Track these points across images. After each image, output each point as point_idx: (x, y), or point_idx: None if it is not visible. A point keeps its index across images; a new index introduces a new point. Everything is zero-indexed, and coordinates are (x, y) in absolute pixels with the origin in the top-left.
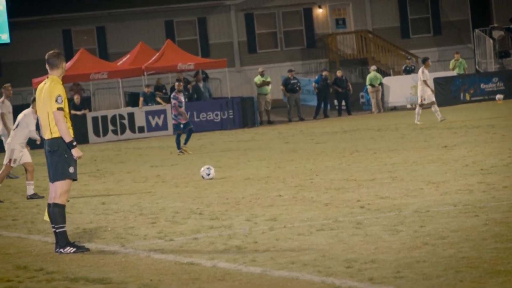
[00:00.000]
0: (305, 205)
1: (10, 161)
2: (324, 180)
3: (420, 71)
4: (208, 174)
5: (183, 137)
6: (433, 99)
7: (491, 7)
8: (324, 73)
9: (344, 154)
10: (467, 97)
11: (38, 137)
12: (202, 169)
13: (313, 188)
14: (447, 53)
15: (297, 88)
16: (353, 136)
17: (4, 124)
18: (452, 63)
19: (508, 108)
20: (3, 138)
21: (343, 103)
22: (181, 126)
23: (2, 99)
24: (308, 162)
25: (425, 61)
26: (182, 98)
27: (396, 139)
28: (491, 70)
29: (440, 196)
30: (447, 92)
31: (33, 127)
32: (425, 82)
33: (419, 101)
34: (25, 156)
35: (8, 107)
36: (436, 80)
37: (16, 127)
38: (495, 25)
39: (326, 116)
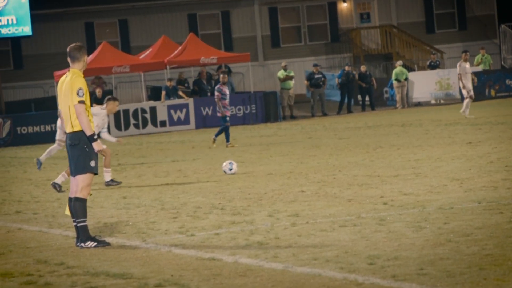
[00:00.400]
0: (328, 201)
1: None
2: (347, 176)
3: (458, 64)
4: (230, 169)
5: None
6: (471, 93)
7: None
8: (346, 68)
9: (367, 150)
10: (492, 93)
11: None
12: (224, 164)
13: (336, 184)
14: (472, 49)
15: (321, 83)
16: (376, 132)
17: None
18: (477, 58)
19: None
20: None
21: (367, 98)
22: (227, 118)
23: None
24: (331, 157)
25: (463, 53)
26: (226, 90)
27: (420, 135)
28: None
29: (464, 193)
30: (473, 88)
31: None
32: (459, 75)
33: (466, 94)
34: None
35: None
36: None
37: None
38: None
39: (349, 111)
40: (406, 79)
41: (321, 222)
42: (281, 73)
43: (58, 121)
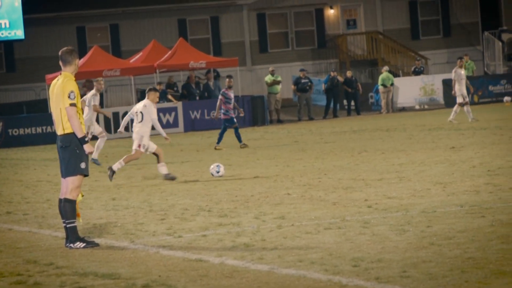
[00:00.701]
0: (313, 204)
1: (139, 146)
2: (332, 180)
3: (453, 70)
4: (218, 172)
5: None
6: (467, 99)
7: (500, 10)
8: (332, 74)
9: (352, 154)
10: (475, 98)
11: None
12: (212, 166)
13: (321, 187)
14: (456, 55)
15: (308, 88)
16: (361, 136)
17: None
18: None
19: None
20: (92, 129)
21: (353, 103)
22: (235, 120)
23: (93, 92)
24: (317, 161)
25: (458, 60)
26: (231, 94)
27: (404, 140)
28: (500, 73)
29: (447, 197)
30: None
31: (155, 115)
32: (454, 81)
33: (460, 100)
34: (151, 144)
35: (96, 100)
36: (445, 82)
37: (142, 119)
38: (504, 28)
39: (335, 116)
40: (392, 84)
41: (307, 224)
42: (268, 78)
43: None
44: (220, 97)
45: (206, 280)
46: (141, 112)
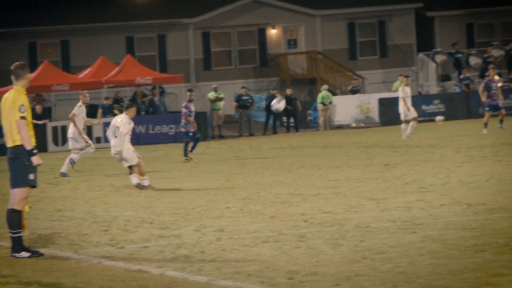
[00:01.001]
0: (252, 217)
1: (138, 157)
2: (271, 194)
3: (400, 88)
4: (279, 102)
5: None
6: (415, 115)
7: (434, 32)
8: (272, 92)
9: (290, 169)
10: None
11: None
12: (274, 100)
13: (260, 201)
14: (392, 75)
15: (249, 104)
16: (300, 152)
17: (75, 125)
18: (395, 85)
19: (448, 130)
20: (73, 140)
21: (292, 120)
22: (190, 134)
23: (79, 103)
24: (256, 176)
25: (404, 77)
26: (192, 107)
27: (340, 156)
28: (433, 93)
29: (380, 212)
30: (391, 113)
31: (126, 130)
32: (403, 99)
33: (402, 117)
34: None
35: (83, 112)
36: (380, 101)
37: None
38: (438, 49)
39: (275, 132)
40: (330, 102)
41: (245, 237)
42: (211, 95)
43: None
44: (184, 110)
45: None
46: (117, 127)
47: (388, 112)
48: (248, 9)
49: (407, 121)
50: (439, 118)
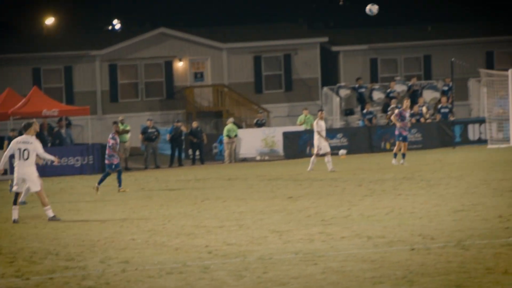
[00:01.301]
0: (157, 249)
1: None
2: (176, 226)
3: (314, 122)
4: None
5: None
6: (328, 149)
7: (339, 67)
8: (176, 124)
9: (195, 202)
10: (313, 151)
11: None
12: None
13: (165, 233)
14: (297, 109)
15: (154, 137)
16: (205, 185)
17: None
18: (300, 119)
19: (350, 163)
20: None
21: (197, 152)
22: (113, 166)
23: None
24: (162, 208)
25: (318, 112)
26: (118, 139)
27: (245, 189)
28: (337, 127)
29: (283, 244)
30: (295, 146)
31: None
32: (318, 133)
33: (315, 150)
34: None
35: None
36: (285, 134)
37: (28, 156)
38: (342, 83)
39: (180, 164)
40: (236, 135)
41: (150, 269)
42: None
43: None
44: (111, 141)
45: None
46: (26, 149)
47: (293, 146)
48: (155, 42)
49: (319, 155)
50: (342, 152)
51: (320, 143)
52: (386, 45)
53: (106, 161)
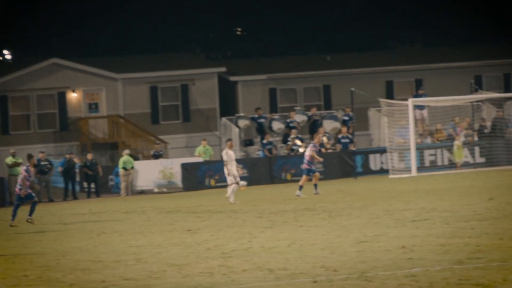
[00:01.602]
0: (51, 285)
1: None
2: (71, 261)
3: (223, 152)
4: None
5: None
6: (238, 179)
7: (238, 97)
8: (68, 156)
9: (91, 236)
10: (212, 183)
11: None
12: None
13: (59, 268)
14: (195, 140)
15: (47, 170)
16: (101, 218)
17: None
18: (198, 150)
19: (250, 194)
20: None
21: (93, 185)
22: (22, 197)
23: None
24: (56, 243)
25: (227, 142)
26: (32, 172)
27: (142, 222)
28: (236, 158)
29: (182, 279)
30: (194, 178)
31: None
32: (225, 162)
33: (231, 180)
34: None
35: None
36: (184, 166)
37: None
38: (241, 114)
39: (75, 197)
40: (132, 167)
41: None
42: (9, 160)
43: None
44: (24, 173)
45: None
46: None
47: (191, 177)
48: (47, 72)
49: (237, 182)
50: (242, 183)
51: (231, 173)
52: (285, 74)
53: (16, 192)
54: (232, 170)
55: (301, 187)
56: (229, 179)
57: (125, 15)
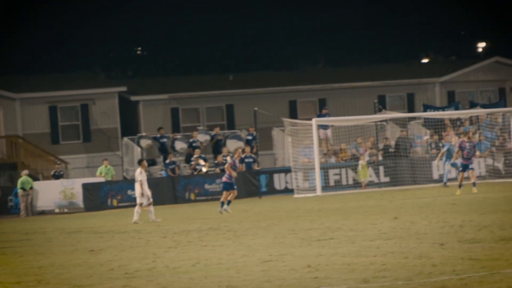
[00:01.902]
0: None
1: None
2: None
3: (137, 172)
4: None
5: None
6: (151, 200)
7: (139, 117)
8: None
9: None
10: (115, 203)
11: None
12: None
13: None
14: (96, 160)
15: None
16: (0, 239)
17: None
18: (100, 170)
19: (157, 215)
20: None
21: None
22: None
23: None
24: None
25: (140, 162)
26: None
27: (43, 243)
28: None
29: None
30: (96, 198)
31: None
32: (140, 182)
33: (138, 200)
34: None
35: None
36: (85, 186)
37: None
38: (144, 133)
39: None
40: (32, 188)
41: None
42: None
43: None
44: None
45: None
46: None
47: (93, 197)
48: None
49: (150, 203)
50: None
51: (146, 192)
52: (187, 94)
53: None
54: (146, 190)
55: (222, 203)
56: (143, 200)
57: (24, 34)
